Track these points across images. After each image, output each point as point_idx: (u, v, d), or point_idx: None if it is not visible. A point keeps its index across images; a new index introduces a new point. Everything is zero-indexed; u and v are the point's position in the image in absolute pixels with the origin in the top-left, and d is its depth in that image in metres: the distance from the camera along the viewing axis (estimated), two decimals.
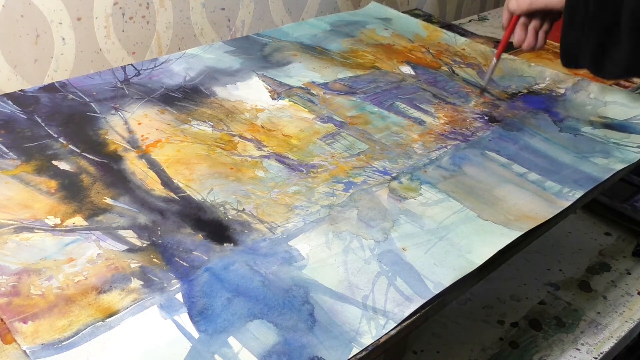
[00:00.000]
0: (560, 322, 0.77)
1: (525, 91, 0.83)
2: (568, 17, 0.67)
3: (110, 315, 0.45)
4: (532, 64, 0.89)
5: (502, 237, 0.56)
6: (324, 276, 0.50)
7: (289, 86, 0.79)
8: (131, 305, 0.46)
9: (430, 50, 0.93)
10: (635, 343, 0.83)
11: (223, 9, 0.98)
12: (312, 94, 0.78)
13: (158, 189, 0.59)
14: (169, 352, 0.43)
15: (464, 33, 1.01)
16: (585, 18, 0.65)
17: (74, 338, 0.43)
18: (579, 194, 0.63)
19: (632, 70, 0.66)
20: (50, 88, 0.73)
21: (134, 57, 0.90)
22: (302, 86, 0.79)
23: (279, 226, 0.55)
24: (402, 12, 1.05)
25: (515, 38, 0.77)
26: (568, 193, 0.63)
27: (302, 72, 0.82)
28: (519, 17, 0.75)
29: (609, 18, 0.64)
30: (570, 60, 0.70)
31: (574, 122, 0.76)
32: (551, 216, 0.60)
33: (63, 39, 0.82)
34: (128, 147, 0.64)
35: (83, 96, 0.72)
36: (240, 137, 0.68)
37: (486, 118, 0.76)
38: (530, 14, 0.75)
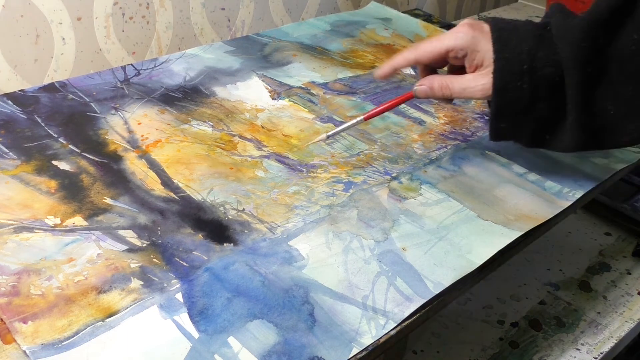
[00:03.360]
0: (560, 322, 0.77)
1: None
2: (496, 109, 0.56)
3: (110, 315, 0.45)
4: None
5: (502, 237, 0.56)
6: (324, 276, 0.50)
7: (289, 86, 0.79)
8: (131, 305, 0.46)
9: None
10: (635, 343, 0.83)
11: (223, 9, 0.98)
12: (312, 94, 0.78)
13: (158, 189, 0.59)
14: (169, 352, 0.43)
15: None
16: (517, 112, 0.56)
17: (74, 338, 0.43)
18: (579, 194, 0.63)
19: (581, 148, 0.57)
20: (50, 88, 0.73)
21: (134, 57, 0.90)
22: (302, 86, 0.79)
23: (279, 226, 0.55)
24: (402, 12, 1.05)
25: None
26: (568, 193, 0.63)
27: (302, 72, 0.82)
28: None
29: (549, 114, 0.55)
30: (500, 140, 0.60)
31: None
32: (551, 216, 0.60)
33: (63, 39, 0.82)
34: (128, 147, 0.64)
35: (83, 96, 0.72)
36: (240, 137, 0.68)
37: (486, 118, 0.76)
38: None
